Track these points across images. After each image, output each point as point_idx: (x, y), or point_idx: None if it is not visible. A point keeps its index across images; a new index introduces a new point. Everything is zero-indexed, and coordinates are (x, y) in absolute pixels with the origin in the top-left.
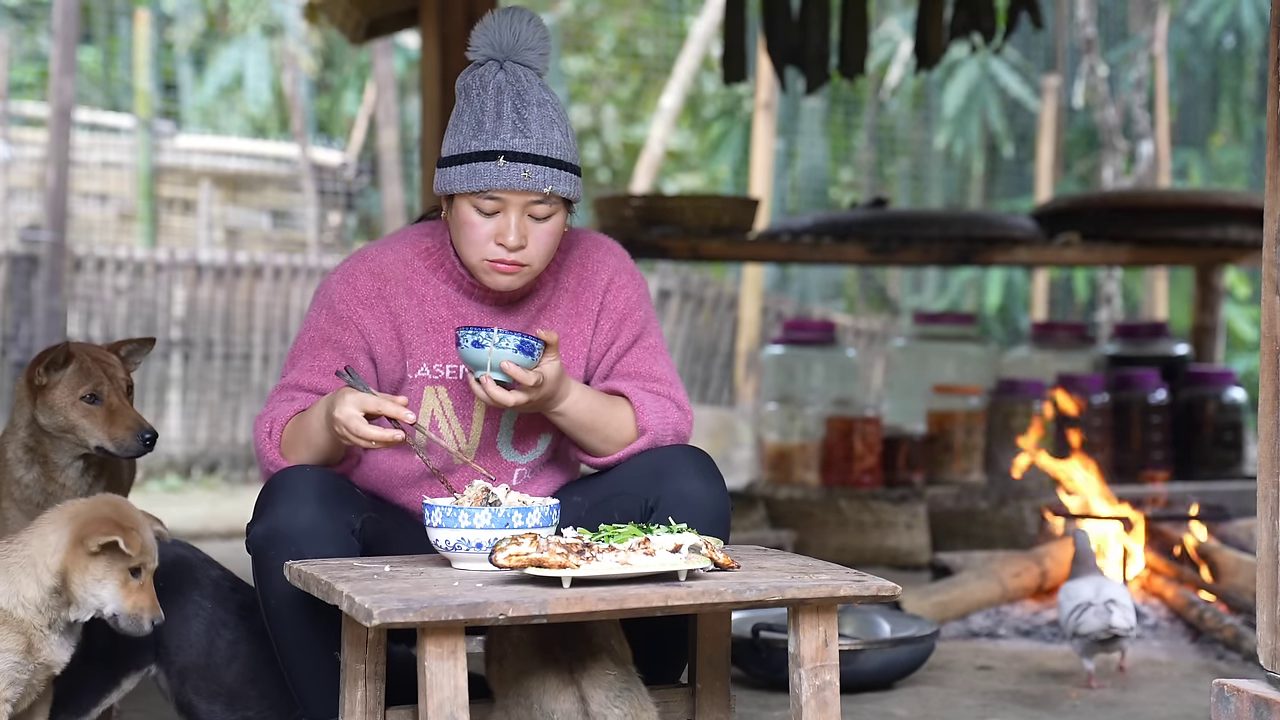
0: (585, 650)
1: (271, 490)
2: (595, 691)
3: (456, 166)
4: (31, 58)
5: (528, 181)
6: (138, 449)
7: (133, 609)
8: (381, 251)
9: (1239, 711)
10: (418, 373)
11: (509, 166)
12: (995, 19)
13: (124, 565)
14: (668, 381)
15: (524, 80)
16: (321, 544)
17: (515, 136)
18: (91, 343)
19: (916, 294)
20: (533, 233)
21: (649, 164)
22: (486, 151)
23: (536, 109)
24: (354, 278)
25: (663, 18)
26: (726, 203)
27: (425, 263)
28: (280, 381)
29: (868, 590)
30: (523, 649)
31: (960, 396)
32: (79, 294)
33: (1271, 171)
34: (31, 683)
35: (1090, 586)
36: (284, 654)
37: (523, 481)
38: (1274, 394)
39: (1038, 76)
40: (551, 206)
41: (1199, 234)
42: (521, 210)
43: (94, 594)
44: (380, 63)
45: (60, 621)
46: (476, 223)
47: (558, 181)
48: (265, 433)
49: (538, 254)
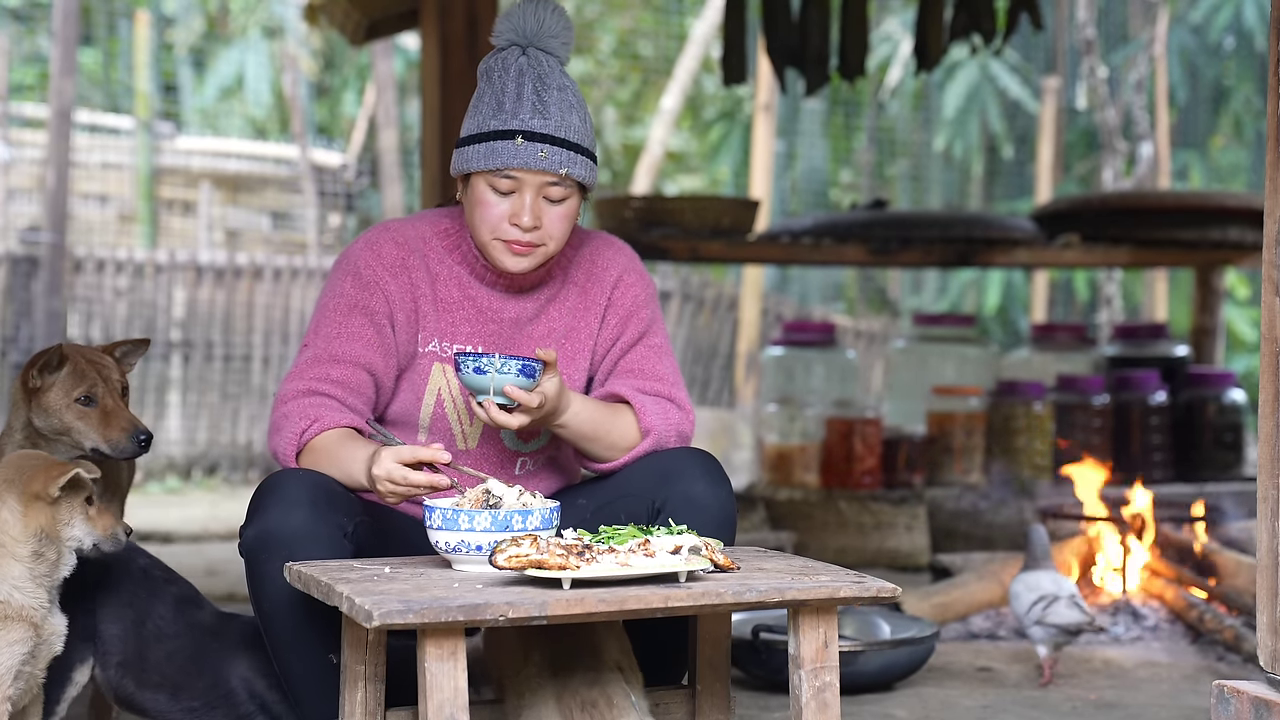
0: (597, 689)
1: (264, 493)
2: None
3: (474, 145)
4: (31, 59)
5: (544, 161)
6: (133, 450)
7: (105, 530)
8: (403, 225)
9: (1239, 713)
10: (427, 347)
11: (526, 146)
12: (995, 20)
13: (80, 497)
14: (669, 381)
15: (545, 65)
16: (314, 547)
17: (534, 117)
18: (87, 344)
19: (916, 295)
20: (547, 214)
21: (649, 165)
22: (505, 130)
23: (557, 93)
24: (379, 245)
25: (663, 19)
26: (726, 204)
27: (442, 242)
28: (309, 350)
29: (868, 592)
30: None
31: (960, 398)
32: (79, 295)
33: (1272, 173)
34: (34, 675)
35: (1048, 580)
36: (278, 657)
37: (525, 472)
38: (1274, 395)
39: (1037, 78)
40: (567, 189)
41: (1199, 235)
42: (537, 191)
43: (71, 536)
44: (380, 64)
45: (55, 588)
46: (492, 202)
47: (574, 164)
48: (301, 428)
49: (551, 236)
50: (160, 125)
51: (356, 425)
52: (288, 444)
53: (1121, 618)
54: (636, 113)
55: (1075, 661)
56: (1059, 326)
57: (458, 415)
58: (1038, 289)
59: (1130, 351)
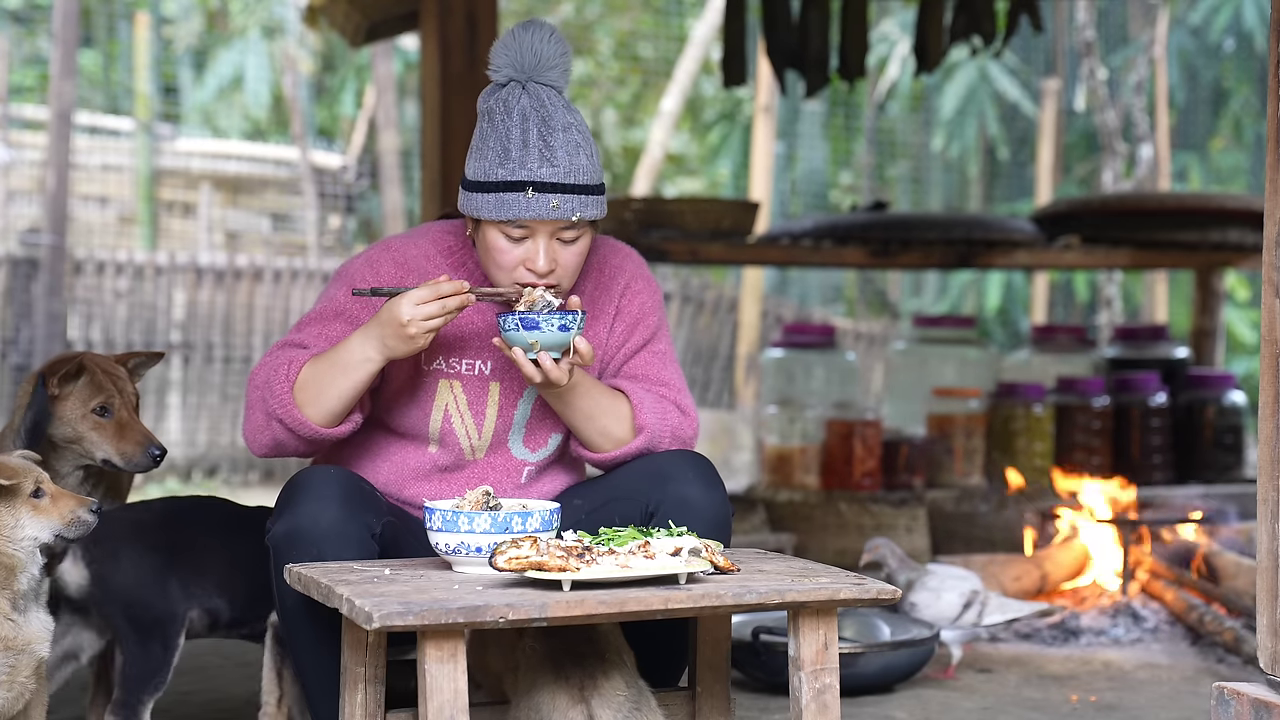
0: (597, 667)
1: (294, 488)
2: (604, 711)
3: (484, 194)
4: (32, 61)
5: (556, 212)
6: (146, 465)
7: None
8: (405, 244)
9: (1239, 715)
10: (433, 365)
11: (537, 198)
12: (995, 22)
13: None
14: (674, 386)
15: (548, 104)
16: (342, 546)
17: (542, 166)
18: (99, 353)
19: (916, 297)
20: (560, 255)
21: (649, 167)
22: (514, 182)
23: (562, 134)
24: (378, 264)
25: (663, 21)
26: (726, 206)
27: (447, 260)
28: (283, 339)
29: (868, 593)
30: (535, 660)
31: (960, 400)
32: (79, 297)
33: (1272, 174)
34: (19, 683)
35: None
36: (296, 651)
37: (530, 480)
38: (1274, 397)
39: (1037, 80)
40: (579, 230)
41: (1199, 237)
42: (550, 236)
43: (23, 537)
44: (380, 65)
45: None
46: (505, 248)
47: (585, 208)
48: (284, 374)
49: (566, 274)
50: (160, 127)
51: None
52: (280, 392)
53: (1121, 620)
54: (636, 114)
55: (1076, 663)
56: (1059, 328)
57: (465, 429)
58: (1038, 291)
59: (1130, 353)
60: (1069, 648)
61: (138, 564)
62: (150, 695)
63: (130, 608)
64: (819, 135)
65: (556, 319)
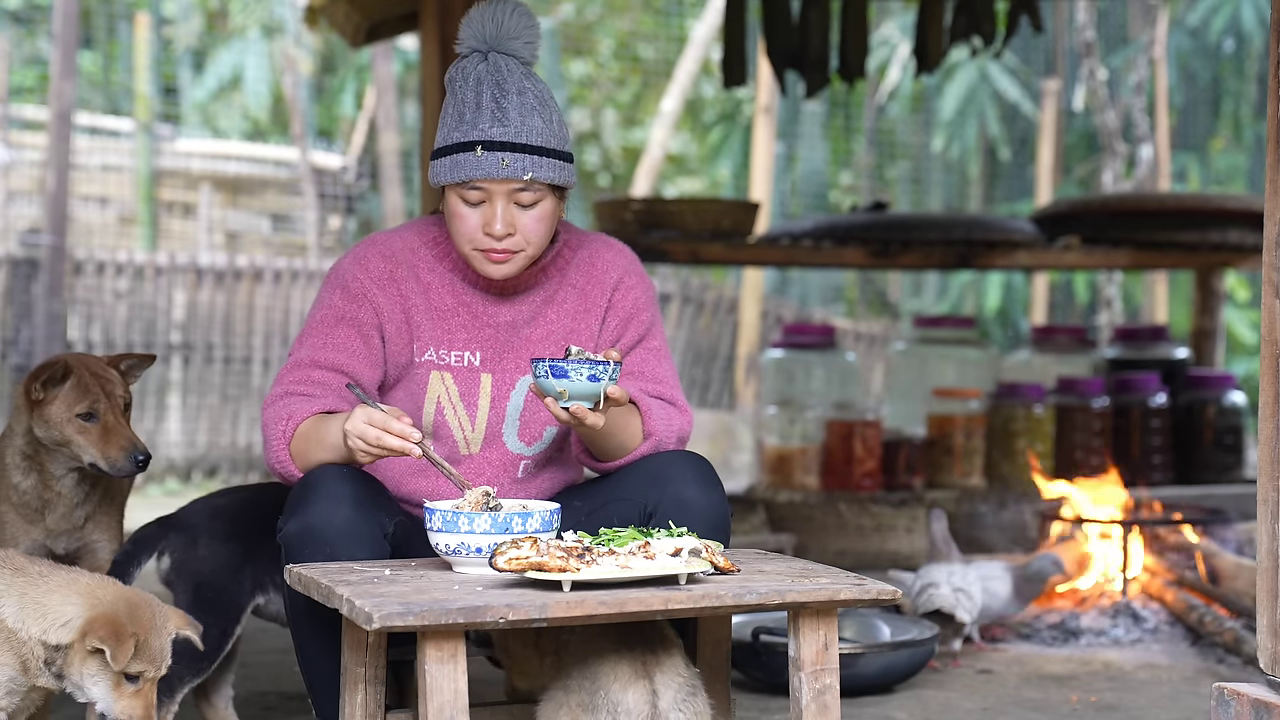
0: (659, 644)
1: (307, 487)
2: (667, 690)
3: (441, 159)
4: (31, 61)
5: (506, 170)
6: (130, 469)
7: (121, 713)
8: (390, 238)
9: (1239, 716)
10: (424, 356)
11: (487, 156)
12: (995, 22)
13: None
14: (669, 384)
15: (504, 70)
16: (355, 545)
17: (493, 125)
18: (91, 355)
19: (916, 297)
20: (520, 220)
21: (649, 168)
22: (466, 143)
23: (516, 97)
24: (366, 259)
25: (663, 21)
26: (726, 206)
27: (432, 251)
28: (292, 358)
29: (868, 594)
30: (592, 630)
31: (960, 400)
32: (79, 298)
33: (1272, 175)
34: (30, 697)
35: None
36: (301, 650)
37: (528, 475)
38: (1274, 398)
39: (1037, 80)
40: (536, 193)
41: (1199, 238)
42: (506, 199)
43: (86, 687)
44: (380, 66)
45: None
46: (464, 213)
47: (538, 168)
48: (281, 430)
49: (528, 240)
50: (160, 127)
51: (330, 409)
52: (277, 449)
53: (1122, 620)
54: (636, 115)
55: (1076, 663)
56: (1059, 329)
57: (459, 421)
58: (1038, 291)
59: (1130, 354)
60: (1069, 648)
61: (215, 551)
62: (191, 676)
63: (200, 589)
64: (819, 136)
65: (585, 369)
